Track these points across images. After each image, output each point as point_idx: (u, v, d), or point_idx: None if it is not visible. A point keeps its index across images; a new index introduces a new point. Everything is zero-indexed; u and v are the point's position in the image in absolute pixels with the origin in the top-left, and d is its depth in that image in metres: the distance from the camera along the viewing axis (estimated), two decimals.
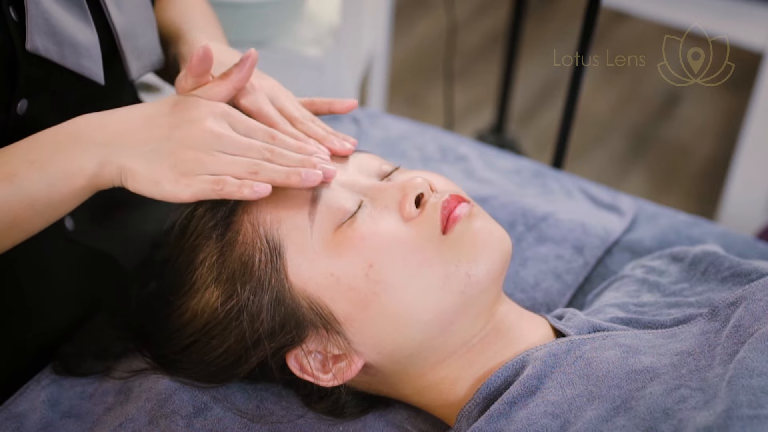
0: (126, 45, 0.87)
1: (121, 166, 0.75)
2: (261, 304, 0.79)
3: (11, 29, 0.77)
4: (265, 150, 0.77)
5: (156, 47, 0.93)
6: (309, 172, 0.76)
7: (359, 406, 0.85)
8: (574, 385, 0.76)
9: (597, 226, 1.10)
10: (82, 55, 0.82)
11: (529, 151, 2.26)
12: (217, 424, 0.82)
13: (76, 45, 0.81)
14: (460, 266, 0.78)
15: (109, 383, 0.87)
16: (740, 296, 0.81)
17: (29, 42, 0.77)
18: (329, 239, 0.78)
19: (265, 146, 0.77)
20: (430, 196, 0.81)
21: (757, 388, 0.69)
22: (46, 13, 0.78)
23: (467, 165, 1.25)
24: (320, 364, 0.81)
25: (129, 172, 0.74)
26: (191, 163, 0.74)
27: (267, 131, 0.79)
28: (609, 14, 2.75)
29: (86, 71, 0.83)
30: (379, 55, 2.00)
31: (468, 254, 0.78)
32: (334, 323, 0.78)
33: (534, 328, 0.84)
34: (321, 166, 0.78)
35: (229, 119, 0.78)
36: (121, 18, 0.86)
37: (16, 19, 0.77)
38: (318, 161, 0.79)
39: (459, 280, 0.78)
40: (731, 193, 2.03)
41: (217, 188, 0.74)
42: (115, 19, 0.85)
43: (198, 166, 0.74)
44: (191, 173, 0.74)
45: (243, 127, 0.78)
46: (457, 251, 0.78)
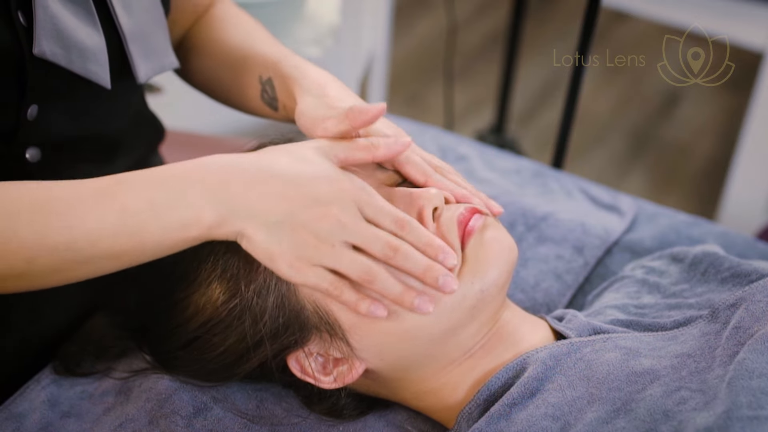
0: (134, 48, 0.87)
1: (241, 228, 0.72)
2: (265, 305, 0.78)
3: (20, 34, 0.76)
4: (389, 248, 0.73)
5: (167, 49, 0.92)
6: (422, 301, 0.74)
7: (359, 407, 0.85)
8: (575, 387, 0.76)
9: (597, 226, 1.10)
10: (89, 59, 0.81)
11: (529, 151, 2.26)
12: (217, 424, 0.82)
13: (83, 49, 0.81)
14: (475, 283, 0.77)
15: (109, 383, 0.87)
16: (740, 297, 0.81)
17: (36, 46, 0.77)
18: None
19: (390, 243, 0.73)
20: (444, 209, 0.80)
21: (757, 389, 0.69)
22: (54, 17, 0.78)
23: (467, 165, 1.25)
24: (321, 367, 0.81)
25: (246, 236, 0.73)
26: (311, 250, 0.72)
27: (396, 219, 0.74)
28: (609, 14, 2.75)
29: (93, 75, 0.82)
30: (379, 55, 2.00)
31: (481, 270, 0.78)
32: (339, 330, 0.78)
33: (534, 330, 0.84)
34: (443, 279, 0.74)
35: (360, 201, 0.73)
36: (130, 20, 0.86)
37: (24, 24, 0.77)
38: (440, 273, 0.74)
39: (473, 297, 0.77)
40: (731, 193, 2.03)
41: (335, 293, 0.73)
42: (122, 21, 0.85)
43: (316, 254, 0.72)
44: (308, 260, 0.72)
45: (372, 210, 0.74)
46: (473, 269, 0.78)
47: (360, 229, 0.72)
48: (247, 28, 1.00)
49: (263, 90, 0.93)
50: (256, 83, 0.94)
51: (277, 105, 0.93)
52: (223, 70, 0.99)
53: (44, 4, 0.77)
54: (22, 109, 0.79)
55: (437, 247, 0.74)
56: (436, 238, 0.74)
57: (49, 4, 0.77)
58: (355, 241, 0.72)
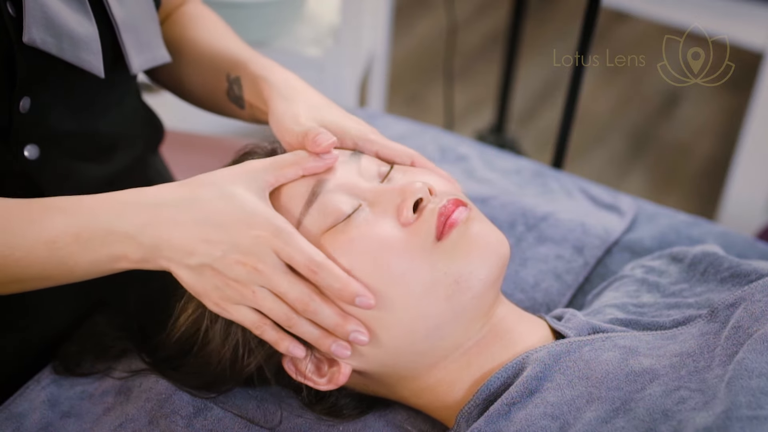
0: (127, 38, 0.87)
1: (166, 268, 0.75)
2: None
3: (7, 24, 0.76)
4: (299, 303, 0.75)
5: (159, 43, 0.93)
6: (338, 347, 0.77)
7: (359, 407, 0.85)
8: (574, 386, 0.76)
9: (597, 226, 1.10)
10: (81, 48, 0.81)
11: (529, 151, 2.26)
12: (217, 424, 0.82)
13: (75, 38, 0.80)
14: (449, 273, 0.77)
15: (109, 383, 0.87)
16: (739, 297, 0.81)
17: (26, 34, 0.76)
18: (316, 241, 0.77)
19: (301, 298, 0.75)
20: (429, 201, 0.79)
21: (756, 389, 0.69)
22: (44, 6, 0.78)
23: (467, 165, 1.25)
24: (316, 368, 0.81)
25: (174, 273, 0.76)
26: (233, 292, 0.74)
27: (309, 263, 0.74)
28: (609, 14, 2.75)
29: (86, 64, 0.82)
30: (379, 55, 2.00)
31: (461, 260, 0.77)
32: None
33: (533, 329, 0.84)
34: (353, 335, 0.76)
35: (276, 248, 0.74)
36: (122, 11, 0.86)
37: (13, 15, 0.77)
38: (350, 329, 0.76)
39: (446, 287, 0.77)
40: (731, 193, 2.03)
41: (257, 332, 0.76)
42: (115, 11, 0.85)
43: (239, 297, 0.75)
44: (232, 301, 0.75)
45: (287, 256, 0.74)
46: (450, 258, 0.77)
47: (276, 279, 0.74)
48: (217, 28, 1.01)
49: (230, 87, 0.94)
50: (224, 81, 0.94)
51: (244, 104, 0.94)
52: (192, 68, 0.99)
53: None
54: (14, 101, 0.79)
55: (352, 292, 0.75)
56: (352, 282, 0.75)
57: None
58: (272, 290, 0.74)
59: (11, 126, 0.80)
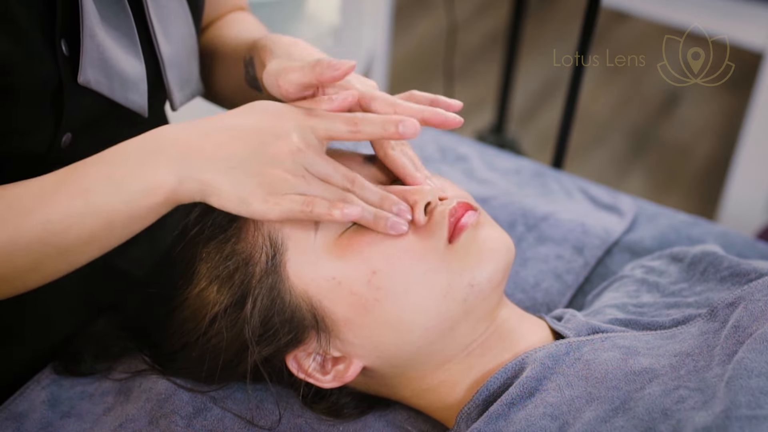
0: (171, 75, 0.87)
1: (204, 182, 0.72)
2: (260, 306, 0.78)
3: (60, 63, 0.76)
4: (348, 178, 0.74)
5: (197, 77, 0.93)
6: (396, 221, 0.76)
7: (359, 406, 0.85)
8: (573, 386, 0.76)
9: (597, 227, 1.10)
10: (129, 88, 0.81)
11: (529, 151, 2.26)
12: (217, 424, 0.82)
13: (125, 78, 0.81)
14: (464, 276, 0.78)
15: (109, 383, 0.87)
16: (739, 297, 0.81)
17: (82, 75, 0.77)
18: (332, 242, 0.78)
19: (347, 174, 0.74)
20: (438, 204, 0.80)
21: (756, 388, 0.69)
22: (100, 45, 0.78)
23: (467, 165, 1.25)
24: (320, 366, 0.81)
25: (212, 189, 0.73)
26: (279, 183, 0.72)
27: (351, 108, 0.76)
28: (609, 14, 2.75)
29: (132, 104, 0.82)
30: (379, 55, 2.00)
31: (472, 264, 0.78)
32: (334, 326, 0.78)
33: (533, 329, 0.84)
34: (397, 208, 0.77)
35: (312, 123, 0.74)
36: (169, 48, 0.86)
37: (66, 54, 0.77)
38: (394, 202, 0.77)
39: (462, 290, 0.78)
40: (731, 193, 2.03)
41: (307, 209, 0.72)
42: (163, 49, 0.85)
43: (286, 185, 0.72)
44: (279, 192, 0.72)
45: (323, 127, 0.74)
46: (462, 261, 0.78)
47: (320, 157, 0.73)
48: (248, 26, 1.00)
49: (246, 72, 0.92)
50: (241, 67, 0.94)
51: (259, 84, 0.91)
52: (219, 65, 0.98)
53: (91, 33, 0.76)
54: (57, 137, 0.79)
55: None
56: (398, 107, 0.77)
57: (96, 32, 0.77)
58: (318, 169, 0.73)
59: (48, 157, 0.80)
